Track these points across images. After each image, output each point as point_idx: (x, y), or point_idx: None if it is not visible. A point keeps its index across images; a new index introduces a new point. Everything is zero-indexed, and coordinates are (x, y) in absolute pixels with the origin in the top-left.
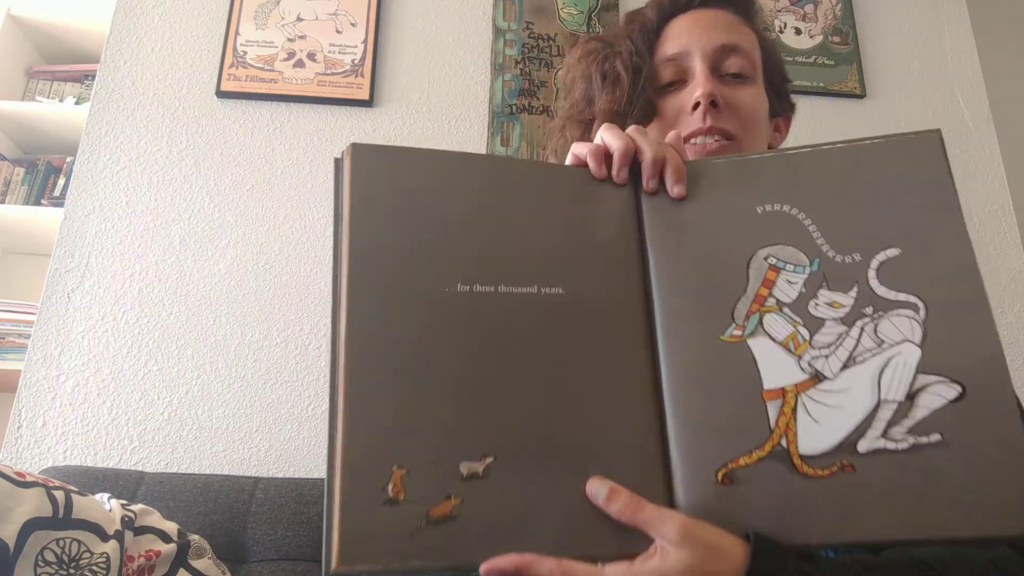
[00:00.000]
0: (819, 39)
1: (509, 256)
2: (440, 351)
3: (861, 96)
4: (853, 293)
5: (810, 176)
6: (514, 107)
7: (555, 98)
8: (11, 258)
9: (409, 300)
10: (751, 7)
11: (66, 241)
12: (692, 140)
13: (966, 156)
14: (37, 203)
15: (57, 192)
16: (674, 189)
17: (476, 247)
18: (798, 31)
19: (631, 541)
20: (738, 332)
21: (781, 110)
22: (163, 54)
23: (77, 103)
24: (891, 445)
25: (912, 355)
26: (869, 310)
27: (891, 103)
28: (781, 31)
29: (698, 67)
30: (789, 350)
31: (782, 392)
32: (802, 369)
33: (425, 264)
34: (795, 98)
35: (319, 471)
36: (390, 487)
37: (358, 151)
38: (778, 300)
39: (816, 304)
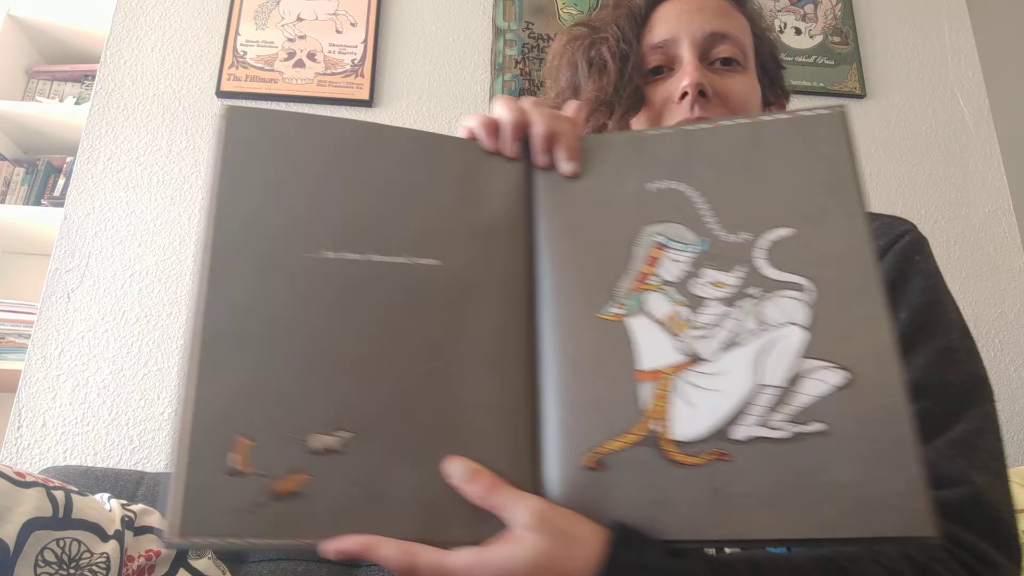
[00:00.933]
0: (819, 39)
1: (382, 224)
2: (299, 319)
3: (861, 96)
4: (740, 273)
5: (707, 153)
6: None
7: (539, 87)
8: (11, 258)
9: (271, 266)
10: None
11: (66, 241)
12: None
13: (966, 156)
14: (37, 203)
15: (57, 192)
16: (564, 166)
17: (347, 213)
18: (798, 31)
19: (486, 527)
20: (617, 310)
21: (774, 98)
22: (163, 54)
23: (77, 103)
24: (770, 433)
25: (796, 338)
26: (755, 291)
27: (891, 103)
28: (781, 31)
29: (686, 55)
30: (668, 330)
31: (657, 374)
32: (679, 350)
33: (291, 229)
34: (795, 98)
35: None
36: (234, 458)
37: (232, 112)
38: (662, 279)
39: (700, 283)
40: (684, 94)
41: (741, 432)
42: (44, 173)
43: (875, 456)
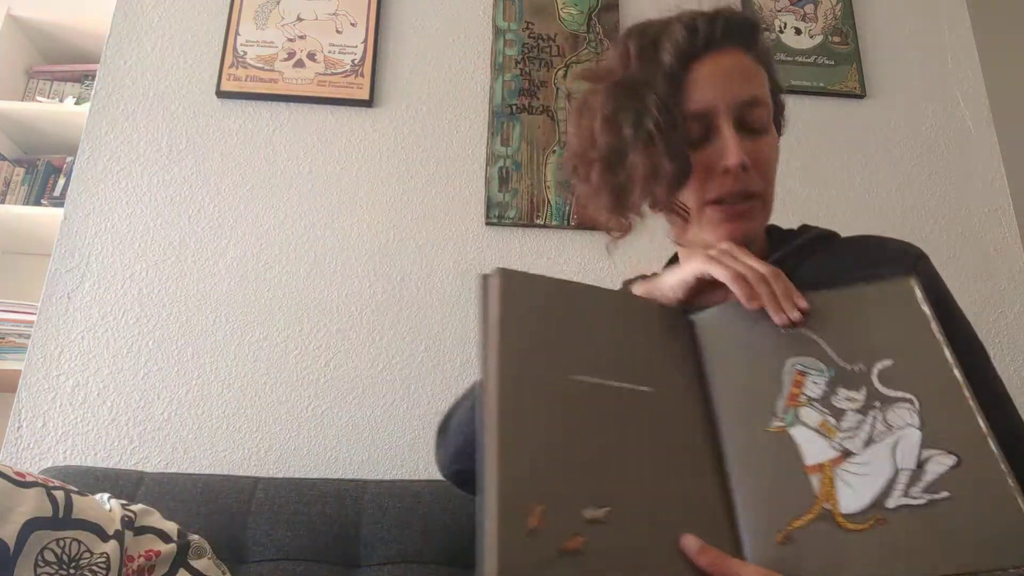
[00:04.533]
0: (819, 39)
1: (613, 359)
2: (567, 421)
3: (861, 96)
4: (864, 391)
5: (822, 309)
6: (514, 107)
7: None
8: (11, 258)
9: (544, 384)
10: (757, 35)
11: (66, 241)
12: (719, 201)
13: (966, 156)
14: (37, 203)
15: (57, 192)
16: (794, 315)
17: (589, 351)
18: (798, 31)
19: None
20: (779, 423)
21: (779, 128)
22: (163, 54)
23: (77, 103)
24: (912, 501)
25: (915, 435)
26: (877, 403)
27: (891, 103)
28: (781, 31)
29: (726, 129)
30: (822, 434)
31: (820, 467)
32: (834, 448)
33: (554, 359)
34: (795, 98)
35: (319, 471)
36: (532, 520)
37: (506, 276)
38: (808, 396)
39: (837, 399)
40: (727, 169)
41: (891, 502)
42: (44, 173)
43: (988, 511)
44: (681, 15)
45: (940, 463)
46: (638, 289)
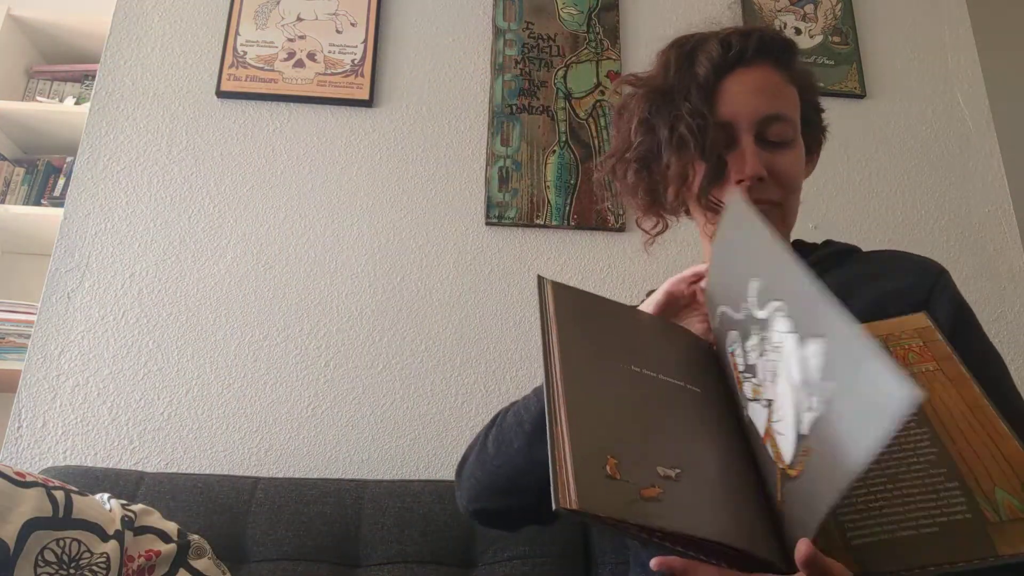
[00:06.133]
0: (819, 39)
1: (664, 359)
2: (630, 395)
3: (861, 96)
4: (756, 332)
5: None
6: (514, 107)
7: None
8: (11, 258)
9: (603, 367)
10: (792, 54)
11: (66, 241)
12: None
13: (966, 156)
14: (37, 203)
15: (57, 192)
16: None
17: (644, 351)
18: (798, 31)
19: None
20: (745, 412)
21: (815, 148)
22: (163, 54)
23: (77, 103)
24: (815, 413)
25: (792, 341)
26: (763, 333)
27: (891, 103)
28: (781, 31)
29: (745, 141)
30: (757, 399)
31: (767, 432)
32: (763, 406)
33: (607, 352)
34: None
35: (319, 471)
36: (608, 467)
37: (558, 288)
38: (741, 372)
39: (749, 356)
40: (740, 179)
41: (804, 427)
42: (44, 173)
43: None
44: (721, 31)
45: (816, 353)
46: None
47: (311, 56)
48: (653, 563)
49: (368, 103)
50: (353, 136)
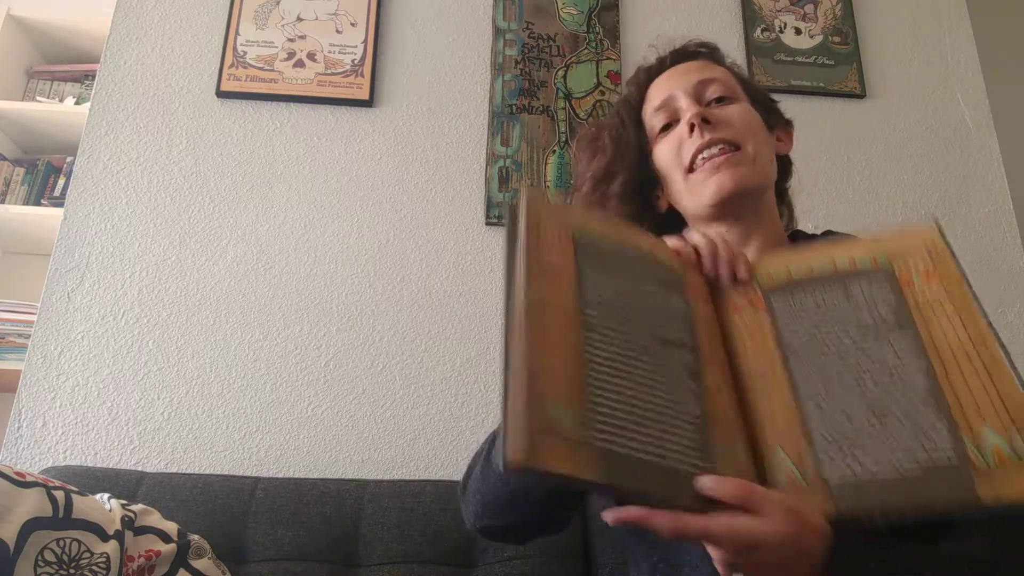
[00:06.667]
0: (819, 39)
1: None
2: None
3: (861, 96)
4: None
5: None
6: (514, 107)
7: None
8: (11, 258)
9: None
10: (717, 55)
11: (66, 241)
12: (700, 156)
13: (966, 156)
14: (37, 203)
15: (57, 192)
16: (741, 274)
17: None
18: (798, 31)
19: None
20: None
21: (776, 122)
22: (163, 54)
23: (77, 103)
24: None
25: None
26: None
27: (891, 103)
28: (781, 31)
29: (683, 102)
30: None
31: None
32: None
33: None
34: (795, 98)
35: (319, 471)
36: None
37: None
38: None
39: None
40: (691, 126)
41: None
42: (44, 173)
43: None
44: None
45: None
46: None
47: (311, 56)
48: (608, 518)
49: (368, 103)
50: (353, 136)
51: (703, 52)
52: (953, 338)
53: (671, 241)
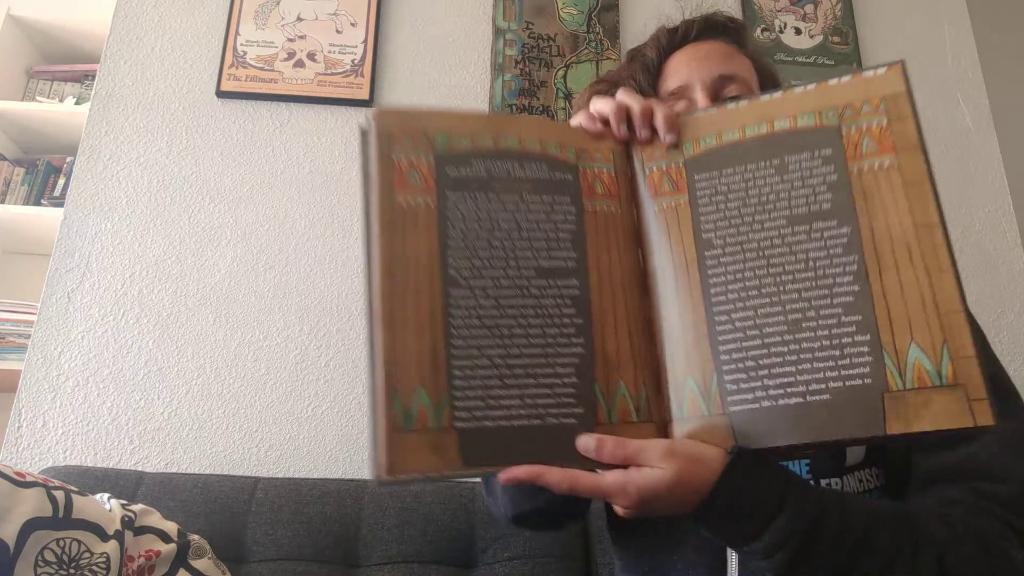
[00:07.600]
0: (819, 39)
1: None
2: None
3: None
4: None
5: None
6: (514, 107)
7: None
8: (11, 258)
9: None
10: (743, 35)
11: (66, 241)
12: None
13: (966, 156)
14: (37, 203)
15: (57, 192)
16: (667, 137)
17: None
18: (798, 31)
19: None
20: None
21: None
22: (163, 54)
23: (77, 103)
24: None
25: None
26: None
27: None
28: (781, 31)
29: (699, 97)
30: None
31: None
32: None
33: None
34: None
35: (319, 471)
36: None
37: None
38: None
39: None
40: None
41: None
42: (44, 173)
43: None
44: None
45: None
46: None
47: (311, 56)
48: (501, 478)
49: (368, 103)
50: (353, 136)
51: (731, 29)
52: (895, 223)
53: (576, 118)
